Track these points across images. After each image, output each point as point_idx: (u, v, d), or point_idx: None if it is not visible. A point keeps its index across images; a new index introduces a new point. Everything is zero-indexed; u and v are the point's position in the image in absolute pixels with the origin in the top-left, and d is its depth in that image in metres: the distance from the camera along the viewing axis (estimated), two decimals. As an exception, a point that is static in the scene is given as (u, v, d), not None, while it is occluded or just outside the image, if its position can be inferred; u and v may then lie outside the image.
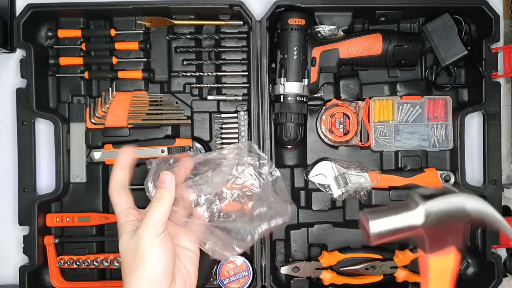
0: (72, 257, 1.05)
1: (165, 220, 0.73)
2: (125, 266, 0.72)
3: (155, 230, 0.71)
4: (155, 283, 0.71)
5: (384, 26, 1.06)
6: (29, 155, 1.04)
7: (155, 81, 1.08)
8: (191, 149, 1.06)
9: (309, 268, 1.04)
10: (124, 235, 0.72)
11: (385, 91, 1.08)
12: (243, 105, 1.09)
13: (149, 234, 0.71)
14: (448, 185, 1.05)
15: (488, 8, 1.00)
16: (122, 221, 0.74)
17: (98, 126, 1.07)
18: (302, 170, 1.07)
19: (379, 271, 1.04)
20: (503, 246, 1.03)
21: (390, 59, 1.02)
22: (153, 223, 0.71)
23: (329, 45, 1.01)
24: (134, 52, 1.08)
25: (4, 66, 1.09)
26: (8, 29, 1.05)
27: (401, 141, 1.06)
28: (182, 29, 1.08)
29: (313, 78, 1.01)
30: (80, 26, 1.07)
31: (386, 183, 1.05)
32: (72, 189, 1.07)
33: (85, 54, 1.07)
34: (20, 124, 1.04)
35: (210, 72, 1.08)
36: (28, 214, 1.02)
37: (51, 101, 1.07)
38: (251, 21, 1.01)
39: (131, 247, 0.71)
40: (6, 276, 1.08)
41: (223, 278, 1.05)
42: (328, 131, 1.05)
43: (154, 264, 0.70)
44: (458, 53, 1.02)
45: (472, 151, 1.07)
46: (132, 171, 0.79)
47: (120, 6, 1.03)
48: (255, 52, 1.02)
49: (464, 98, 1.08)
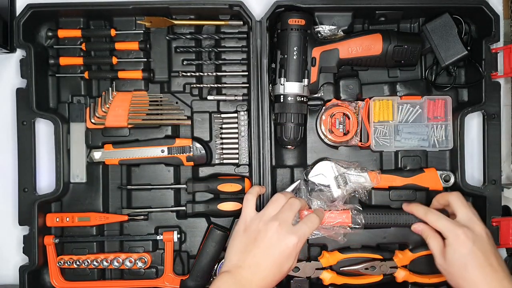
0: (72, 257, 1.05)
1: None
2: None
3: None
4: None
5: (384, 26, 1.06)
6: (29, 155, 1.04)
7: (155, 81, 1.08)
8: (191, 149, 1.06)
9: (309, 268, 1.04)
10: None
11: (385, 91, 1.08)
12: (243, 105, 1.09)
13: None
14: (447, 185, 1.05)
15: (488, 8, 1.00)
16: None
17: (98, 126, 1.07)
18: (302, 170, 1.07)
19: (378, 271, 1.04)
20: (502, 246, 1.03)
21: (390, 59, 1.02)
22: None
23: (329, 45, 1.01)
24: (134, 52, 1.08)
25: (4, 66, 1.09)
26: (8, 29, 1.06)
27: (401, 141, 1.06)
28: (182, 29, 1.08)
29: (313, 78, 1.01)
30: (80, 26, 1.07)
31: (386, 183, 1.05)
32: (72, 189, 1.07)
33: (85, 54, 1.08)
34: (20, 124, 1.04)
35: (210, 72, 1.08)
36: (28, 214, 1.02)
37: (51, 101, 1.07)
38: (251, 21, 1.01)
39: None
40: (6, 276, 1.08)
41: (223, 278, 1.05)
42: (328, 131, 1.05)
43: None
44: (458, 53, 1.02)
45: (472, 151, 1.07)
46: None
47: (120, 6, 1.03)
48: (255, 52, 1.02)
49: (464, 98, 1.08)
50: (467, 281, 0.87)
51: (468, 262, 0.87)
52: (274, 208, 0.91)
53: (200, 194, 1.08)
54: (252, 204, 0.93)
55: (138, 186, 1.09)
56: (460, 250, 0.88)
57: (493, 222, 1.01)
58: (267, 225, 0.88)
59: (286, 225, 0.88)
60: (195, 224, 1.08)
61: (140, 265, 1.05)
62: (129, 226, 1.09)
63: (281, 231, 0.87)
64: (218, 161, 1.09)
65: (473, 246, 0.88)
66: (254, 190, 0.96)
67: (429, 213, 0.95)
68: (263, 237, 0.87)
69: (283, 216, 0.89)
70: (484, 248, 0.89)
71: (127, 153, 1.06)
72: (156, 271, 1.08)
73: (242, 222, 0.92)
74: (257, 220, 0.90)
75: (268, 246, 0.87)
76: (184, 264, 1.08)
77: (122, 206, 1.08)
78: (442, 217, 0.93)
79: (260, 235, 0.88)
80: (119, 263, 1.05)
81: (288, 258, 0.88)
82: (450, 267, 0.89)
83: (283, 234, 0.87)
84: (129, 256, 1.06)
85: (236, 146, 1.09)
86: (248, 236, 0.89)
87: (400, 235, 1.06)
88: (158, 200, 1.08)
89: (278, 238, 0.87)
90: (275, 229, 0.87)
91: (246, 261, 0.87)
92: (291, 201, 0.92)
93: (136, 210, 1.08)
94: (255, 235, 0.88)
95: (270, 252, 0.87)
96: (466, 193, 1.04)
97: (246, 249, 0.88)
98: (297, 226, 0.89)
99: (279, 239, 0.87)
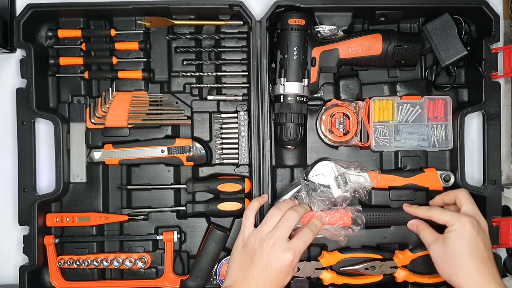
0: (72, 257, 1.05)
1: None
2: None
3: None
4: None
5: (384, 26, 1.06)
6: (29, 155, 1.04)
7: (155, 81, 1.08)
8: (191, 149, 1.06)
9: (309, 268, 1.04)
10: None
11: (385, 91, 1.08)
12: (243, 105, 1.09)
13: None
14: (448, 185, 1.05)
15: (488, 8, 1.00)
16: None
17: (98, 126, 1.07)
18: (302, 170, 1.07)
19: (378, 271, 1.04)
20: (502, 246, 1.03)
21: (390, 59, 1.02)
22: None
23: (329, 45, 1.01)
24: (134, 52, 1.08)
25: (4, 66, 1.09)
26: (8, 29, 1.06)
27: (401, 141, 1.06)
28: (182, 29, 1.08)
29: (313, 78, 1.01)
30: (80, 26, 1.07)
31: (386, 183, 1.05)
32: (72, 189, 1.07)
33: (85, 54, 1.08)
34: (20, 124, 1.04)
35: (210, 72, 1.08)
36: (28, 214, 1.02)
37: (51, 101, 1.07)
38: (251, 21, 1.01)
39: None
40: (6, 276, 1.08)
41: (223, 278, 1.05)
42: (328, 131, 1.05)
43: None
44: (458, 53, 1.02)
45: (472, 151, 1.08)
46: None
47: (120, 6, 1.03)
48: (255, 52, 1.02)
49: (464, 98, 1.08)
50: (462, 269, 0.88)
51: (468, 250, 0.88)
52: (269, 225, 0.92)
53: (200, 194, 1.08)
54: (250, 220, 0.94)
55: (138, 186, 1.09)
56: (464, 236, 0.89)
57: (493, 222, 1.01)
58: (262, 244, 0.90)
59: (281, 243, 0.90)
60: (195, 224, 1.08)
61: (140, 265, 1.05)
62: (129, 226, 1.09)
63: (277, 250, 0.89)
64: (218, 161, 1.09)
65: (477, 235, 0.89)
66: (253, 206, 0.96)
67: (431, 209, 0.96)
68: (259, 257, 0.89)
69: (278, 234, 0.90)
70: (485, 240, 0.90)
71: (127, 153, 1.06)
72: (156, 271, 1.08)
73: (241, 239, 0.93)
74: (254, 237, 0.91)
75: (264, 265, 0.89)
76: (184, 264, 1.08)
77: (122, 206, 1.08)
78: (445, 210, 0.95)
79: (256, 254, 0.90)
80: (119, 263, 1.05)
81: (286, 274, 0.90)
82: (449, 252, 0.89)
83: (279, 253, 0.89)
84: (129, 256, 1.06)
85: (236, 146, 1.09)
86: (246, 254, 0.91)
87: (400, 235, 1.06)
88: (158, 200, 1.08)
89: (274, 257, 0.89)
90: (270, 248, 0.89)
91: (246, 278, 0.89)
92: (287, 216, 0.92)
93: (136, 210, 1.08)
94: (252, 254, 0.90)
95: (268, 270, 0.89)
96: (466, 193, 1.05)
97: (245, 267, 0.90)
98: (292, 242, 0.91)
99: (275, 258, 0.89)
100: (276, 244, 0.89)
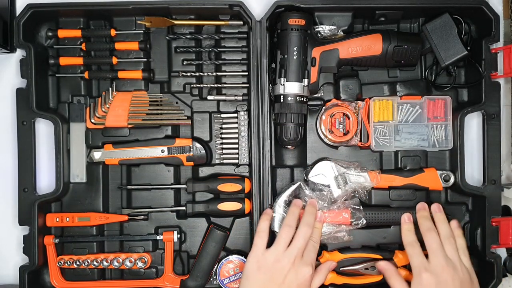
0: (72, 257, 1.05)
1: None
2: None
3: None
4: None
5: (384, 26, 1.06)
6: (29, 155, 1.04)
7: (155, 81, 1.09)
8: (191, 149, 1.06)
9: (309, 268, 1.04)
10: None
11: (385, 91, 1.08)
12: (243, 105, 1.09)
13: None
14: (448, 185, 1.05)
15: (488, 8, 1.00)
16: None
17: (98, 126, 1.07)
18: (302, 170, 1.07)
19: (378, 271, 1.04)
20: (502, 246, 1.03)
21: (390, 59, 1.02)
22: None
23: (329, 45, 1.01)
24: (134, 52, 1.08)
25: (4, 66, 1.09)
26: (8, 29, 1.05)
27: (401, 141, 1.06)
28: (182, 29, 1.08)
29: (313, 78, 1.01)
30: (80, 26, 1.07)
31: (385, 183, 1.05)
32: (72, 189, 1.07)
33: (85, 54, 1.08)
34: (20, 124, 1.04)
35: (210, 72, 1.08)
36: (28, 214, 1.02)
37: (51, 101, 1.07)
38: (251, 21, 1.01)
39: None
40: (6, 276, 1.08)
41: (223, 278, 1.06)
42: (328, 131, 1.05)
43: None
44: (458, 53, 1.02)
45: (472, 151, 1.08)
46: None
47: (120, 6, 1.03)
48: (255, 52, 1.02)
49: (464, 98, 1.08)
50: None
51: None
52: (283, 243, 0.93)
53: (200, 194, 1.08)
54: (264, 242, 0.94)
55: (138, 186, 1.09)
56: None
57: (493, 222, 1.02)
58: (281, 262, 0.91)
59: (299, 259, 0.93)
60: (195, 224, 1.08)
61: (140, 265, 1.05)
62: (129, 226, 1.09)
63: (297, 267, 0.92)
64: (218, 161, 1.09)
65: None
66: (264, 226, 0.96)
67: (408, 246, 0.96)
68: (280, 275, 0.91)
69: (294, 251, 0.93)
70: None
71: (127, 153, 1.06)
72: (156, 271, 1.08)
73: (255, 261, 0.93)
74: (270, 257, 0.92)
75: (288, 284, 0.91)
76: (184, 264, 1.08)
77: (122, 206, 1.08)
78: (415, 255, 0.94)
79: (277, 273, 0.91)
80: (119, 263, 1.05)
81: (307, 286, 0.93)
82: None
83: (299, 269, 0.92)
84: (129, 256, 1.06)
85: (236, 146, 1.09)
86: (265, 275, 0.91)
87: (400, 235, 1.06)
88: (158, 200, 1.08)
89: (296, 273, 0.91)
90: (290, 265, 0.91)
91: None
92: (301, 233, 0.94)
93: (136, 210, 1.08)
94: (272, 274, 0.91)
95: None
96: (466, 193, 1.05)
97: (267, 287, 0.91)
98: (306, 255, 0.94)
99: (296, 274, 0.91)
100: (296, 261, 0.92)
